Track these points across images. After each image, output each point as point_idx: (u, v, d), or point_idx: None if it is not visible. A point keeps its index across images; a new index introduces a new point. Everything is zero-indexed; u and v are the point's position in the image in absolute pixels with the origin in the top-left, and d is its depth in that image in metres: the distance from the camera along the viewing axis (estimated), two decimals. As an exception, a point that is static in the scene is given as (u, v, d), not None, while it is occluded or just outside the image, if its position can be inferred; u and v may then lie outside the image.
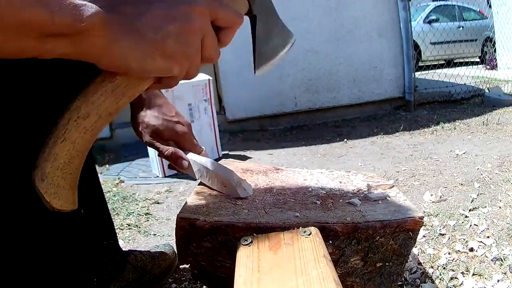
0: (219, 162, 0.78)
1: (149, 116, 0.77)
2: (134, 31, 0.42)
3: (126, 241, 1.26)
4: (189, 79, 0.50)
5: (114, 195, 1.70)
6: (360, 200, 0.70)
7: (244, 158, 2.27)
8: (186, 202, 0.67)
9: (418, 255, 1.03)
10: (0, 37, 0.33)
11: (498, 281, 0.88)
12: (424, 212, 1.30)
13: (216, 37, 0.49)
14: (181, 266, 1.03)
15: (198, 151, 0.78)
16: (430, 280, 0.92)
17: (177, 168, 0.78)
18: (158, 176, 1.99)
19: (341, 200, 0.70)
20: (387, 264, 0.65)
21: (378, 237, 0.61)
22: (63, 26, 0.35)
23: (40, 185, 0.41)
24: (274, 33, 0.63)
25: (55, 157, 0.42)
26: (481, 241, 1.06)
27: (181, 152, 0.75)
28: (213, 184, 0.72)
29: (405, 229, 0.62)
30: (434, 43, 5.39)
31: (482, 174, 1.60)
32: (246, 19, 0.58)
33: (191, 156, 0.76)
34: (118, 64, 0.42)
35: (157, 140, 0.77)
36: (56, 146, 0.42)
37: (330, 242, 0.59)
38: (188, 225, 0.60)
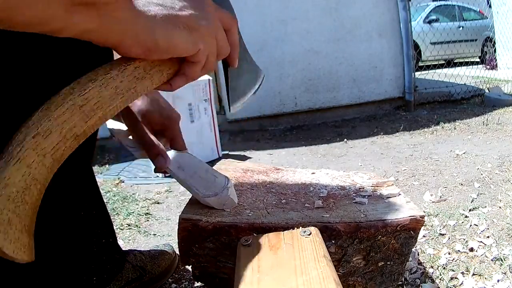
0: (219, 162, 0.77)
1: (142, 101, 0.73)
2: (156, 5, 0.42)
3: (126, 241, 1.26)
4: (208, 71, 0.50)
5: (114, 195, 1.70)
6: (366, 198, 0.70)
7: (244, 158, 2.27)
8: (187, 203, 0.67)
9: (418, 255, 1.03)
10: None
11: (498, 281, 0.88)
12: (424, 212, 1.30)
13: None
14: (182, 267, 1.03)
15: (182, 146, 0.74)
16: (430, 280, 0.92)
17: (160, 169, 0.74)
18: (158, 176, 1.99)
19: (342, 200, 0.70)
20: (388, 263, 0.65)
21: (380, 236, 0.61)
22: None
23: None
24: (245, 69, 0.62)
25: (6, 183, 0.32)
26: (481, 241, 1.06)
27: (164, 150, 0.70)
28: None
29: (407, 228, 0.62)
30: (434, 43, 5.39)
31: (482, 174, 1.60)
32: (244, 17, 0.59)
33: (172, 153, 0.71)
34: (143, 39, 0.40)
35: (146, 126, 0.72)
36: (7, 168, 0.33)
37: (333, 241, 0.59)
38: (190, 226, 0.60)
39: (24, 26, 0.33)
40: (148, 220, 1.43)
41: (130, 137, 0.75)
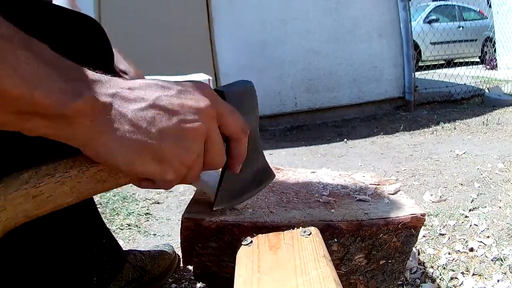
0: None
1: None
2: (126, 124, 0.36)
3: (126, 241, 1.26)
4: (187, 184, 0.44)
5: (114, 195, 1.70)
6: (369, 196, 0.70)
7: (244, 158, 2.27)
8: (189, 202, 0.67)
9: (418, 255, 1.03)
10: None
11: (498, 281, 0.88)
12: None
13: (223, 142, 0.43)
14: (182, 267, 1.03)
15: None
16: (430, 280, 0.92)
17: None
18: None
19: (344, 198, 0.70)
20: (389, 261, 0.65)
21: (381, 234, 0.61)
22: (45, 106, 0.31)
23: None
24: (250, 171, 0.56)
25: None
26: (481, 241, 1.06)
27: None
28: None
29: (408, 226, 0.63)
30: (434, 43, 5.39)
31: (482, 174, 1.60)
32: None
33: None
34: (103, 157, 0.37)
35: None
36: None
37: (335, 240, 0.60)
38: (193, 225, 0.60)
39: None
40: (148, 220, 1.43)
41: None
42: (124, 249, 0.90)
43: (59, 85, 0.32)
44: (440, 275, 0.93)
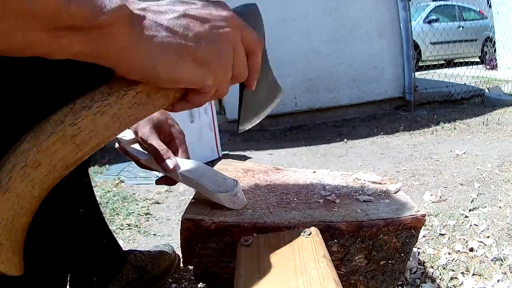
0: (219, 162, 0.77)
1: None
2: (163, 30, 0.36)
3: (126, 241, 1.26)
4: (217, 98, 0.46)
5: (114, 195, 1.70)
6: (371, 196, 0.70)
7: (244, 158, 2.27)
8: (189, 203, 0.67)
9: (418, 255, 1.03)
10: (5, 26, 0.28)
11: (498, 281, 0.88)
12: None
13: (245, 57, 0.45)
14: (182, 267, 1.03)
15: (187, 157, 0.75)
16: (430, 280, 0.92)
17: (163, 182, 0.74)
18: (157, 176, 1.99)
19: (345, 199, 0.70)
20: (389, 262, 0.65)
21: (381, 235, 0.61)
22: (81, 17, 0.31)
23: None
24: (264, 87, 0.59)
25: None
26: (481, 241, 1.06)
27: (172, 154, 0.71)
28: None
29: (408, 227, 0.63)
30: (434, 43, 5.39)
31: (482, 174, 1.60)
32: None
33: (179, 160, 0.71)
34: (142, 68, 0.36)
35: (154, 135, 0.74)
36: None
37: (335, 240, 0.60)
38: (193, 226, 0.60)
39: (7, 52, 0.30)
40: (148, 220, 1.43)
41: (135, 145, 0.76)
42: (124, 249, 0.91)
43: None
44: (440, 275, 0.93)
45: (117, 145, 0.78)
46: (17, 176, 0.33)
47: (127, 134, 0.76)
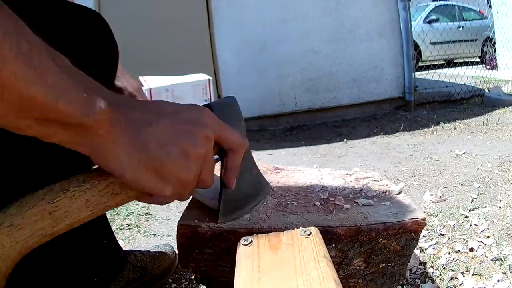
0: (218, 162, 0.77)
1: None
2: (137, 140, 0.39)
3: (126, 241, 1.26)
4: (180, 200, 0.48)
5: (114, 195, 1.70)
6: (371, 199, 0.70)
7: (244, 158, 2.27)
8: (185, 208, 0.66)
9: (418, 255, 1.03)
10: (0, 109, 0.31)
11: (498, 281, 0.88)
12: (424, 212, 1.30)
13: (214, 163, 0.47)
14: (182, 268, 1.03)
15: None
16: (430, 280, 0.92)
17: None
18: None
19: (343, 201, 0.70)
20: (389, 264, 0.65)
21: (381, 239, 0.61)
22: (67, 115, 0.34)
23: None
24: (248, 183, 0.59)
25: None
26: (481, 241, 1.06)
27: None
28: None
29: (408, 231, 0.62)
30: (434, 43, 5.39)
31: (482, 174, 1.60)
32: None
33: None
34: (112, 166, 0.39)
35: None
36: None
37: (333, 245, 0.59)
38: (189, 232, 0.60)
39: (6, 128, 0.34)
40: (148, 220, 1.43)
41: None
42: (124, 249, 0.91)
43: (81, 95, 0.34)
44: (440, 275, 0.93)
45: None
46: (3, 232, 0.39)
47: None
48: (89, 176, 0.42)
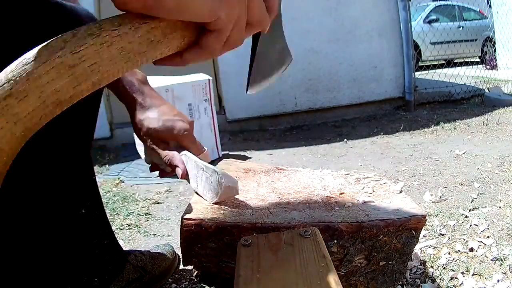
0: (220, 162, 0.77)
1: (149, 119, 0.75)
2: None
3: (126, 241, 1.26)
4: (232, 48, 0.40)
5: (114, 195, 1.70)
6: (371, 197, 0.70)
7: (244, 158, 2.27)
8: (189, 203, 0.67)
9: (419, 254, 1.03)
10: None
11: (498, 281, 0.88)
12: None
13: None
14: (182, 267, 1.03)
15: (199, 151, 0.76)
16: (430, 280, 0.92)
17: (163, 174, 0.79)
18: (158, 176, 1.99)
19: (344, 199, 0.70)
20: (390, 262, 0.65)
21: (381, 236, 0.61)
22: None
23: None
24: (276, 50, 0.57)
25: None
26: (481, 241, 1.07)
27: (177, 160, 0.73)
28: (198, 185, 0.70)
29: (408, 228, 0.62)
30: (434, 43, 5.39)
31: (482, 174, 1.60)
32: None
33: (187, 154, 0.72)
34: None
35: (159, 145, 0.75)
36: None
37: (335, 241, 0.60)
38: (193, 226, 0.60)
39: None
40: (148, 220, 1.43)
41: (140, 145, 0.81)
42: (124, 249, 0.91)
43: None
44: (440, 275, 0.93)
45: (146, 158, 0.83)
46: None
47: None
48: (127, 18, 0.33)
